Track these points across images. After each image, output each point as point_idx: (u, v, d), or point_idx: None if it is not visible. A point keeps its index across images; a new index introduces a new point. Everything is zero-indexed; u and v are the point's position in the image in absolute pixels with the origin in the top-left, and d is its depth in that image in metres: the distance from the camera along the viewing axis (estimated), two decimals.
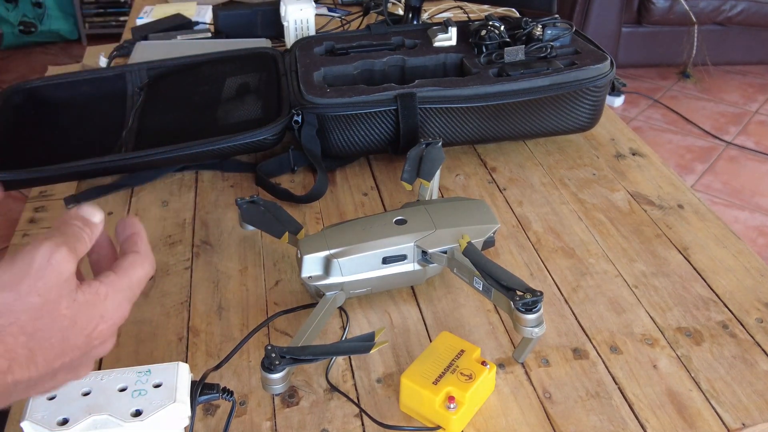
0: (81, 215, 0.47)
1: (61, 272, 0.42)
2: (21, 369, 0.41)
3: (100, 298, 0.44)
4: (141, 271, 0.47)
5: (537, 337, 0.61)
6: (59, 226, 0.45)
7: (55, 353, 0.42)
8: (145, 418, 0.45)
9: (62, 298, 0.42)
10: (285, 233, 0.73)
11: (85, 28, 3.52)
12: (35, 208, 0.92)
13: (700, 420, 0.59)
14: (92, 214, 0.47)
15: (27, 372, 0.41)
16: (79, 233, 0.45)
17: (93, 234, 0.47)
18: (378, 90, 0.89)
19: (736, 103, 2.94)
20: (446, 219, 0.72)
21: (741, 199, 2.34)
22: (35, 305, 0.41)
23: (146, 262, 0.48)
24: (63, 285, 0.42)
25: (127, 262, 0.47)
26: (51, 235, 0.44)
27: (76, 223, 0.46)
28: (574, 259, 0.78)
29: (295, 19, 1.18)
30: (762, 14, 2.86)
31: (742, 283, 0.74)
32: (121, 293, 0.46)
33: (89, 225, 0.46)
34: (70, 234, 0.45)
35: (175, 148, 0.87)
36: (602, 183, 0.91)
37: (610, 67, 0.94)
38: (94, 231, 0.47)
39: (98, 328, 0.44)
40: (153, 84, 1.04)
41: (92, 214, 0.47)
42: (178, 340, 0.68)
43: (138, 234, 0.49)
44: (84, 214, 0.47)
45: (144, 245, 0.49)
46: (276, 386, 0.57)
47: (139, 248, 0.48)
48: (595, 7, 2.78)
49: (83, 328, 0.43)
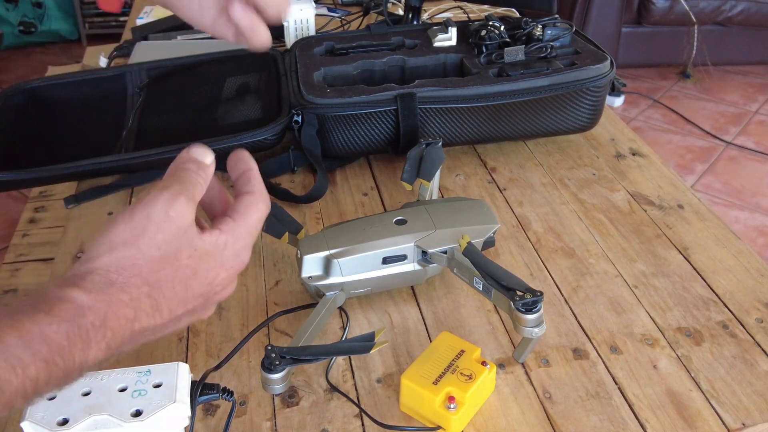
0: (194, 157, 0.46)
1: (181, 224, 0.42)
2: (147, 317, 0.42)
3: (219, 248, 0.44)
4: (257, 214, 0.47)
5: (537, 337, 0.61)
6: (174, 171, 0.45)
7: (179, 301, 0.43)
8: (145, 418, 0.45)
9: (182, 249, 0.43)
10: (285, 233, 0.73)
11: (85, 28, 3.52)
12: (35, 208, 0.92)
13: (700, 420, 0.59)
14: (204, 155, 0.47)
15: (153, 320, 0.42)
16: (195, 178, 0.45)
17: (207, 176, 0.46)
18: (378, 90, 0.89)
19: (736, 103, 2.94)
20: (446, 219, 0.72)
21: (741, 199, 2.34)
22: (156, 258, 0.42)
23: (261, 202, 0.48)
24: (182, 236, 0.43)
25: (243, 206, 0.47)
26: (168, 184, 0.43)
27: (190, 167, 0.45)
28: (574, 259, 0.78)
29: (295, 19, 1.18)
30: (762, 14, 2.86)
31: (742, 283, 0.74)
32: (241, 240, 0.46)
33: (203, 167, 0.46)
34: (186, 180, 0.44)
35: (175, 148, 0.87)
36: (602, 183, 0.91)
37: (610, 67, 0.94)
38: (208, 173, 0.46)
39: (219, 276, 0.45)
40: (153, 84, 1.04)
41: (204, 155, 0.47)
42: (178, 340, 0.68)
43: (251, 170, 0.49)
44: (197, 156, 0.46)
45: (258, 183, 0.48)
46: (276, 386, 0.57)
47: (254, 187, 0.48)
48: (595, 7, 2.78)
49: (204, 276, 0.44)
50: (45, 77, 1.04)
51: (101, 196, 0.90)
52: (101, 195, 0.90)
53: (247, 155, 0.49)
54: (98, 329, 0.39)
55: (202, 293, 0.44)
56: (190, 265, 0.43)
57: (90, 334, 0.39)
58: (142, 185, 0.91)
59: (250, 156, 0.49)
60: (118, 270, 0.41)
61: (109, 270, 0.41)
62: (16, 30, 3.43)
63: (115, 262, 0.41)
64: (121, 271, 0.41)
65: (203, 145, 0.47)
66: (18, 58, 3.40)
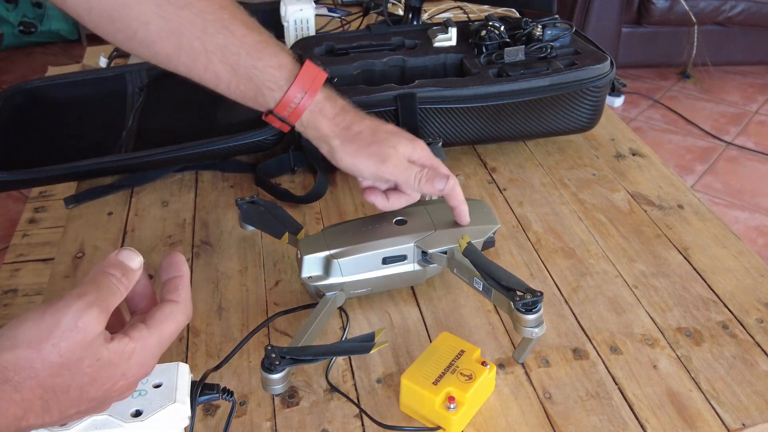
0: (120, 261, 0.46)
1: (87, 335, 0.42)
2: (35, 417, 0.42)
3: (124, 357, 0.44)
4: (174, 325, 0.46)
5: (537, 338, 0.61)
6: (95, 277, 0.44)
7: (71, 404, 0.43)
8: (145, 418, 0.45)
9: (84, 359, 0.42)
10: (285, 233, 0.73)
11: (85, 28, 3.52)
12: (35, 208, 0.92)
13: (700, 420, 0.59)
14: (131, 260, 0.46)
15: (41, 419, 0.42)
16: (115, 286, 0.44)
17: (130, 282, 0.46)
18: (378, 90, 0.89)
19: (736, 103, 2.94)
20: (446, 219, 0.72)
21: (741, 200, 2.34)
22: (56, 364, 0.41)
23: (182, 314, 0.47)
24: (87, 347, 0.42)
25: (163, 315, 0.46)
26: (84, 291, 0.43)
27: (113, 274, 0.45)
28: (574, 259, 0.78)
29: (295, 20, 1.18)
30: (762, 14, 2.86)
31: (742, 284, 0.74)
32: (149, 351, 0.45)
33: (127, 274, 0.45)
34: (105, 288, 0.44)
35: (175, 149, 0.87)
36: (602, 183, 0.91)
37: (610, 68, 0.94)
38: (132, 278, 0.46)
39: (118, 384, 0.44)
40: (153, 84, 1.04)
41: (131, 260, 0.46)
42: (178, 341, 0.68)
43: (181, 278, 0.48)
44: (123, 260, 0.46)
45: (185, 292, 0.47)
46: (276, 386, 0.57)
47: (179, 296, 0.47)
48: (595, 7, 2.78)
49: (102, 384, 0.43)
50: (45, 77, 1.04)
51: (101, 196, 0.90)
52: (101, 195, 0.90)
53: (181, 260, 0.49)
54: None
55: (96, 397, 0.44)
56: (89, 374, 0.42)
57: None
58: (142, 185, 0.91)
59: (184, 261, 0.49)
60: (16, 369, 0.40)
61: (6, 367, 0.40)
62: (16, 30, 3.43)
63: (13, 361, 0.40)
64: (19, 371, 0.40)
65: (132, 250, 0.47)
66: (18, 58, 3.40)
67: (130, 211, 0.87)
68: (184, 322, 0.47)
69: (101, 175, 0.92)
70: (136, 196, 0.90)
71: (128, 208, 0.88)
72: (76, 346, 0.41)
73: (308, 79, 0.67)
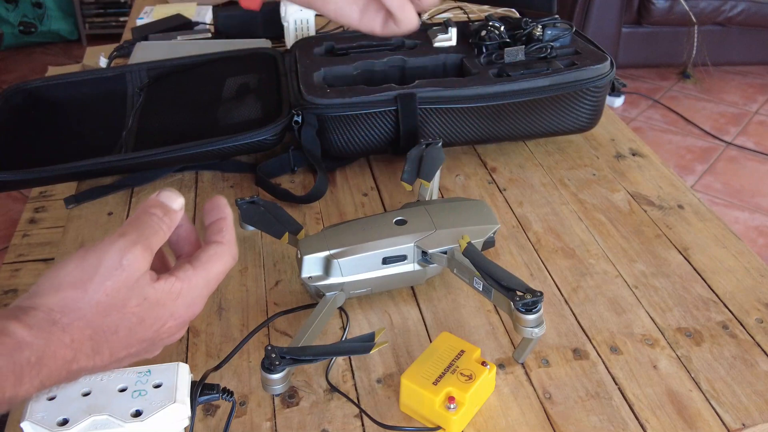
0: (161, 202, 0.45)
1: (132, 273, 0.42)
2: (86, 359, 0.42)
3: (172, 297, 0.43)
4: (220, 266, 0.46)
5: (537, 338, 0.61)
6: (139, 216, 0.44)
7: (122, 345, 0.43)
8: (145, 418, 0.45)
9: (131, 298, 0.42)
10: (285, 233, 0.73)
11: (85, 28, 3.52)
12: (35, 208, 0.92)
13: (700, 420, 0.59)
14: (172, 200, 0.46)
15: (92, 362, 0.42)
16: (158, 225, 0.44)
17: (172, 222, 0.45)
18: (378, 90, 0.89)
19: (736, 103, 2.94)
20: (446, 219, 0.72)
21: (741, 200, 2.34)
22: (103, 304, 0.41)
23: (228, 254, 0.47)
24: (133, 286, 0.42)
25: (207, 255, 0.46)
26: (126, 231, 0.43)
27: (155, 213, 0.45)
28: (574, 259, 0.78)
29: (295, 20, 1.18)
30: (762, 14, 2.86)
31: (742, 284, 0.74)
32: (196, 290, 0.45)
33: (168, 214, 0.45)
34: (147, 227, 0.44)
35: (175, 149, 0.87)
36: (602, 183, 0.91)
37: (610, 68, 0.94)
38: (174, 219, 0.46)
39: (167, 325, 0.44)
40: (153, 84, 1.04)
41: (172, 200, 0.46)
42: (178, 341, 0.68)
43: (225, 219, 0.48)
44: (164, 200, 0.46)
45: (229, 234, 0.47)
46: (276, 387, 0.58)
47: (224, 237, 0.47)
48: (595, 8, 2.78)
49: (151, 324, 0.43)
50: (45, 77, 1.04)
51: (101, 196, 0.90)
52: (101, 195, 0.90)
53: (224, 203, 0.49)
54: (33, 366, 0.39)
55: (146, 338, 0.44)
56: (137, 314, 0.42)
57: (24, 370, 0.39)
58: (142, 185, 0.91)
59: (226, 204, 0.49)
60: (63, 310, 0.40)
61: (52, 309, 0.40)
62: (16, 30, 3.43)
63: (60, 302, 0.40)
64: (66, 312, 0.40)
65: (174, 191, 0.47)
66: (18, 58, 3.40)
67: (130, 211, 0.87)
68: (230, 263, 0.47)
69: (101, 175, 0.92)
70: (136, 196, 0.90)
71: (128, 208, 0.88)
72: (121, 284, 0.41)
73: None
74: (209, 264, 0.46)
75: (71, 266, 0.41)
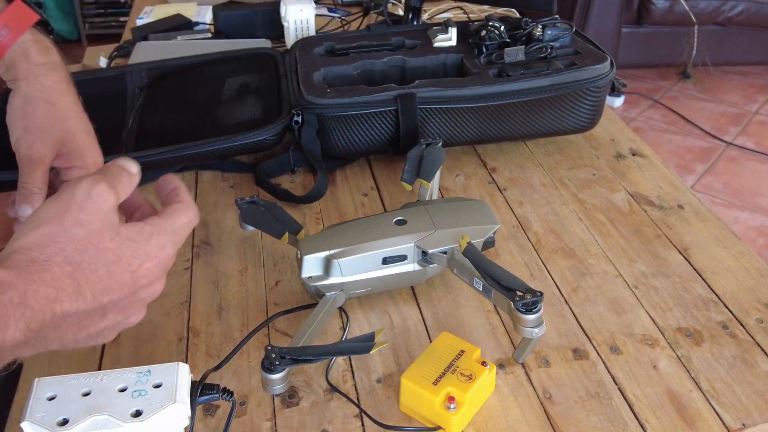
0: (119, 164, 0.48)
1: (102, 205, 0.44)
2: (69, 299, 0.42)
3: (144, 236, 0.46)
4: (185, 218, 0.49)
5: (537, 338, 0.61)
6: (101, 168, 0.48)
7: (102, 286, 0.44)
8: (145, 418, 0.45)
9: (105, 231, 0.44)
10: (285, 233, 0.73)
11: (85, 28, 3.52)
12: None
13: (700, 420, 0.59)
14: (129, 165, 0.49)
15: (75, 304, 0.43)
16: (118, 174, 0.47)
17: (132, 179, 0.48)
18: (378, 90, 0.89)
19: (736, 103, 2.94)
20: (446, 219, 0.72)
21: (741, 200, 2.34)
22: (79, 236, 0.43)
23: (190, 210, 0.50)
24: (105, 218, 0.44)
25: (171, 209, 0.49)
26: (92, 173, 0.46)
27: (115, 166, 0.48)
28: (574, 259, 0.78)
29: (295, 20, 1.18)
30: (762, 14, 2.86)
31: (742, 284, 0.74)
32: (166, 235, 0.47)
33: (127, 172, 0.48)
34: (110, 173, 0.47)
35: (175, 149, 0.87)
36: (602, 183, 0.91)
37: (610, 68, 0.94)
38: (131, 181, 0.48)
39: (144, 266, 0.46)
40: (153, 84, 1.04)
41: (129, 165, 0.49)
42: (178, 341, 0.68)
43: (179, 188, 0.51)
44: (121, 163, 0.49)
45: (186, 196, 0.50)
46: (276, 387, 0.58)
47: (182, 198, 0.50)
48: (595, 7, 2.78)
49: (128, 263, 0.45)
50: None
51: None
52: None
53: (175, 177, 0.52)
54: (17, 307, 0.40)
55: (125, 282, 0.45)
56: (112, 248, 0.44)
57: (8, 311, 0.39)
58: (142, 185, 0.91)
59: (177, 178, 0.52)
60: (41, 247, 0.42)
61: (31, 248, 0.42)
62: None
63: (38, 239, 0.42)
64: (44, 248, 0.42)
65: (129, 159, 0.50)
66: None
67: None
68: (193, 219, 0.50)
69: None
70: None
71: None
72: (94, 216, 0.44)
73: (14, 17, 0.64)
74: (174, 215, 0.49)
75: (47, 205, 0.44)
